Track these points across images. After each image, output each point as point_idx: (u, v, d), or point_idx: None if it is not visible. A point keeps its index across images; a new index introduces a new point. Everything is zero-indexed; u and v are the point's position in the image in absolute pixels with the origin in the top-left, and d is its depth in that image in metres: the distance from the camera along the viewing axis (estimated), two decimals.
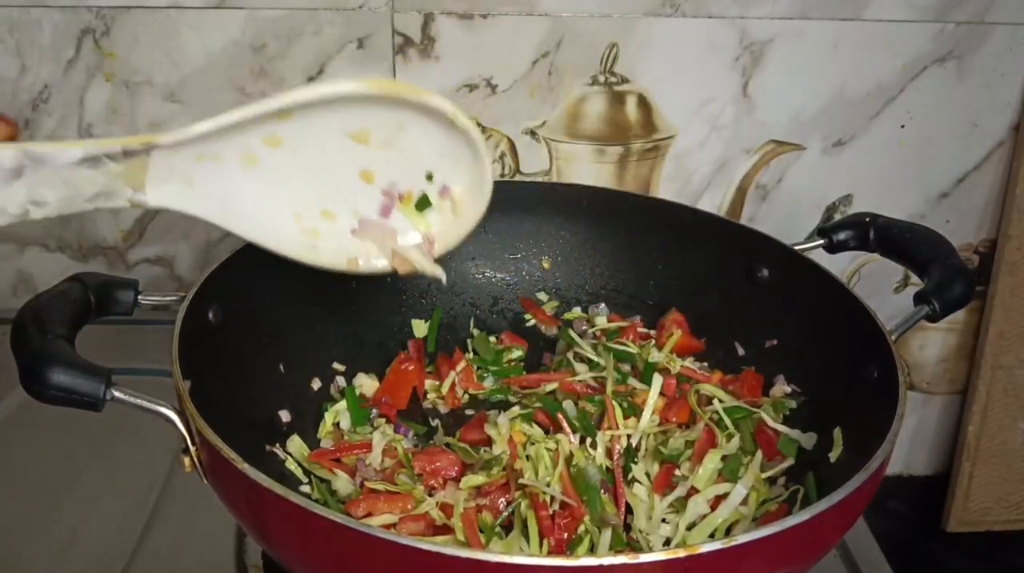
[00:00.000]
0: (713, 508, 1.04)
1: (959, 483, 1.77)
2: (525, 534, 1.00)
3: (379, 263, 1.04)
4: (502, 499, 1.03)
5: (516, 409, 1.17)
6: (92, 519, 1.17)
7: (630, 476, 1.09)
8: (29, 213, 0.82)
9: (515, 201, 1.36)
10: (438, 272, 1.05)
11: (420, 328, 1.32)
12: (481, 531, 0.99)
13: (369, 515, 1.00)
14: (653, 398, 1.15)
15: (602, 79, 1.54)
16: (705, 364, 1.28)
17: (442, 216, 1.04)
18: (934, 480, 1.88)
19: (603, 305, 1.36)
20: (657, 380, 1.17)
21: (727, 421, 1.13)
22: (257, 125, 0.91)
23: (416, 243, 1.04)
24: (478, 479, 1.04)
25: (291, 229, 0.99)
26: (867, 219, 1.23)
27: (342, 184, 0.99)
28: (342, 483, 1.08)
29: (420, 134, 0.96)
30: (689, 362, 1.27)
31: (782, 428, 1.14)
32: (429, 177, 1.02)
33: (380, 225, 1.03)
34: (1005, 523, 1.80)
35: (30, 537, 1.15)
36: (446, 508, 1.01)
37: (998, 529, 1.80)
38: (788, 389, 1.19)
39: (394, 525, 1.00)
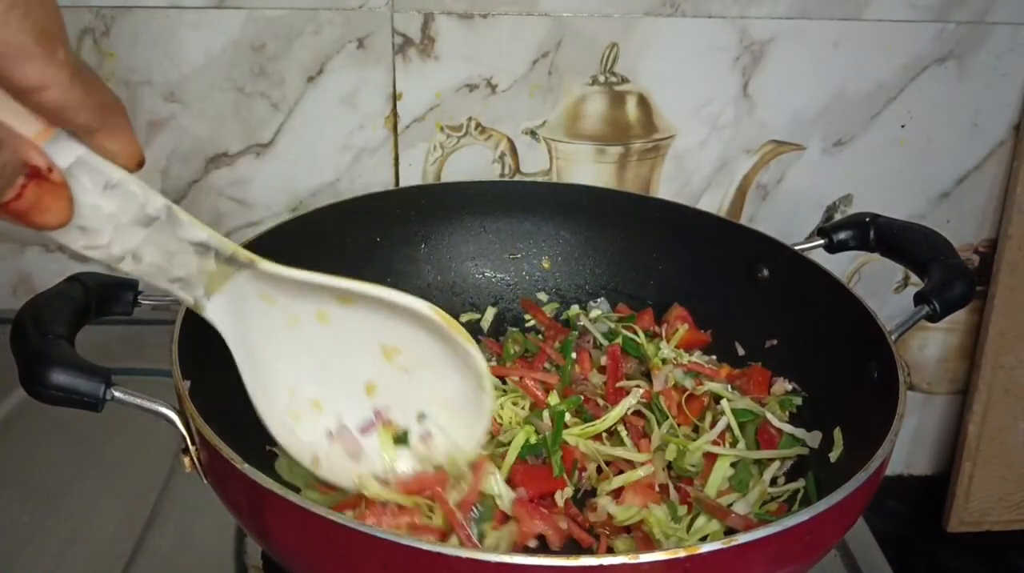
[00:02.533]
0: None
1: (959, 483, 1.77)
2: None
3: (341, 480, 0.99)
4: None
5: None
6: (92, 519, 1.17)
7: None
8: (122, 262, 0.79)
9: (515, 201, 1.36)
10: None
11: None
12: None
13: None
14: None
15: (602, 79, 1.54)
16: (713, 357, 1.28)
17: (411, 460, 1.00)
18: (934, 480, 1.88)
19: (601, 299, 1.36)
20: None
21: (734, 425, 1.13)
22: (322, 296, 0.91)
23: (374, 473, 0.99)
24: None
25: (280, 402, 0.96)
26: (867, 219, 1.23)
27: (346, 385, 0.97)
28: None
29: (438, 376, 0.95)
30: (697, 357, 1.26)
31: (787, 427, 1.14)
32: (420, 417, 0.99)
33: (354, 440, 0.99)
34: (1005, 523, 1.80)
35: (30, 537, 1.14)
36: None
37: (998, 529, 1.80)
38: (789, 387, 1.19)
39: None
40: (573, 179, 1.59)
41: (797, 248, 1.23)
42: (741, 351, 1.27)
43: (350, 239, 1.26)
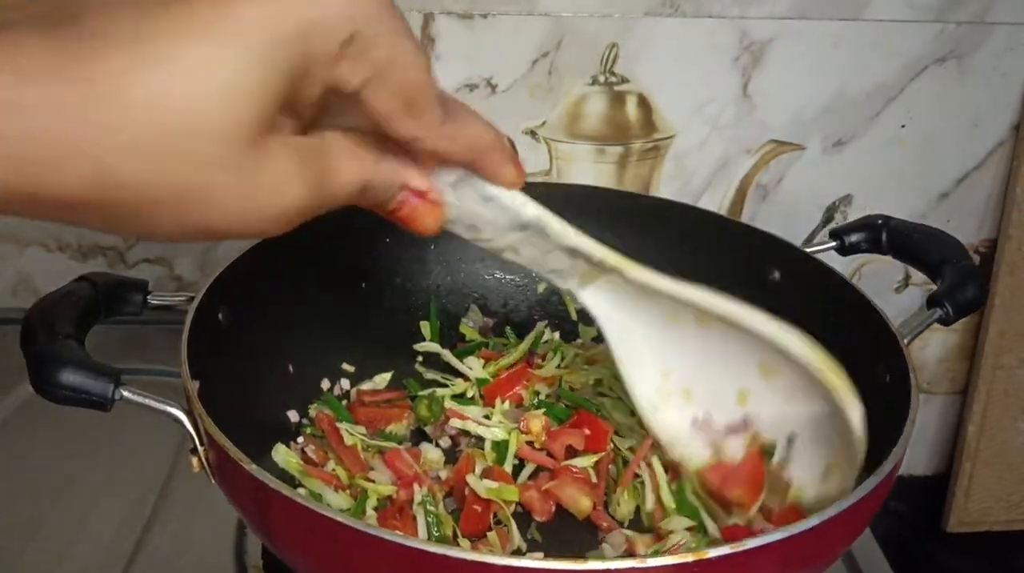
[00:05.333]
0: None
1: (959, 483, 1.77)
2: None
3: (692, 457, 1.01)
4: None
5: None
6: (92, 519, 1.17)
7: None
8: (504, 253, 0.86)
9: None
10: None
11: (428, 329, 1.31)
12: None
13: None
14: None
15: (602, 79, 1.54)
16: None
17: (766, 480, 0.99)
18: (934, 480, 1.87)
19: None
20: None
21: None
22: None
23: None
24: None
25: (650, 382, 0.99)
26: (879, 221, 1.23)
27: (719, 384, 0.98)
28: (332, 498, 1.08)
29: (816, 414, 0.92)
30: None
31: None
32: (791, 439, 0.97)
33: (718, 436, 1.00)
34: (1005, 523, 1.80)
35: (30, 537, 1.14)
36: None
37: (998, 529, 1.80)
38: None
39: None
40: (573, 179, 1.59)
41: (808, 250, 1.23)
42: None
43: (359, 240, 1.26)
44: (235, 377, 1.04)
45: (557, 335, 1.34)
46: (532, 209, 0.83)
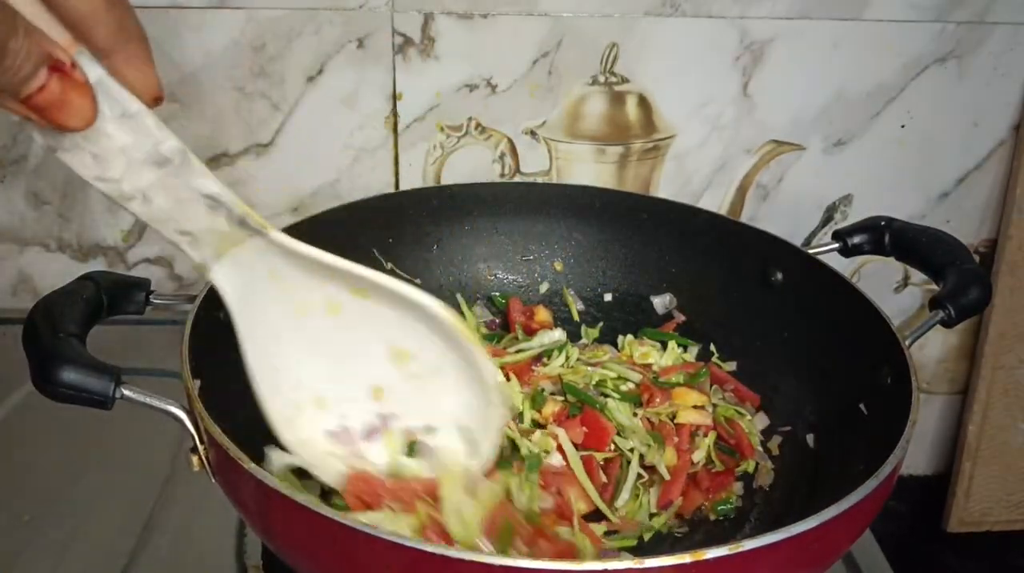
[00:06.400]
0: None
1: (959, 483, 1.77)
2: None
3: (328, 477, 0.94)
4: None
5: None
6: (92, 519, 1.17)
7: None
8: (132, 202, 0.76)
9: (527, 203, 1.36)
10: None
11: None
12: None
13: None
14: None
15: (602, 79, 1.54)
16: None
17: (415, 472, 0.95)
18: (934, 480, 1.88)
19: (669, 295, 1.35)
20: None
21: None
22: (333, 282, 0.88)
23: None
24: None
25: (283, 389, 0.93)
26: (882, 223, 1.24)
27: (352, 385, 0.94)
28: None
29: (450, 386, 0.92)
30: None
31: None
32: (428, 430, 0.95)
33: (354, 443, 0.95)
34: (1006, 523, 1.80)
35: (30, 537, 1.14)
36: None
37: (998, 529, 1.80)
38: None
39: None
40: (573, 179, 1.60)
41: (811, 252, 1.22)
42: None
43: (362, 240, 1.26)
44: (235, 376, 1.04)
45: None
46: (174, 141, 0.75)
